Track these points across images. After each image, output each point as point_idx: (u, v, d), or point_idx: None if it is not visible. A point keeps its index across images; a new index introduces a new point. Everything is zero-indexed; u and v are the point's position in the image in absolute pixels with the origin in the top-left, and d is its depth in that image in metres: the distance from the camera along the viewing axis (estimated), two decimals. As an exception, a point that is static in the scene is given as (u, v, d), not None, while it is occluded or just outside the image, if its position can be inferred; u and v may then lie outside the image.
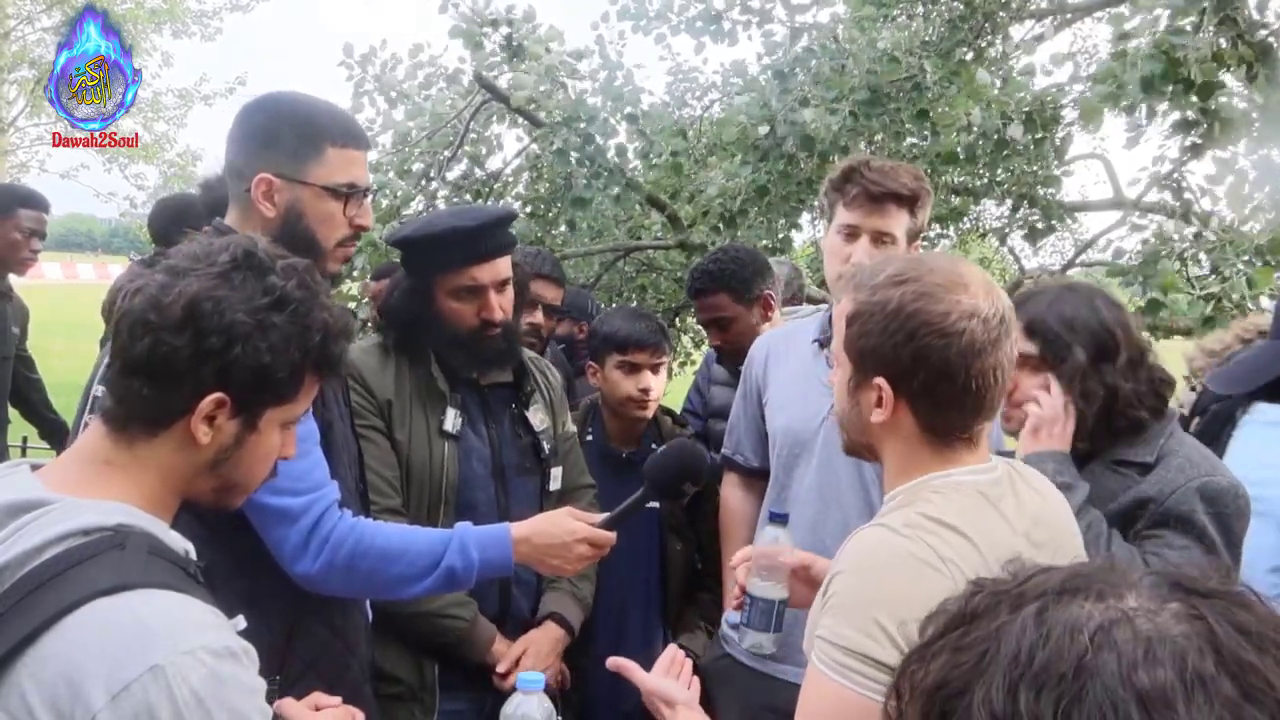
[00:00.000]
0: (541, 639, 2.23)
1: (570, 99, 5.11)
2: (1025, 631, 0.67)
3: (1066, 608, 0.68)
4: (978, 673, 0.68)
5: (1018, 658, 0.66)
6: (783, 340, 2.46)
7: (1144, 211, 5.34)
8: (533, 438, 2.31)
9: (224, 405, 1.15)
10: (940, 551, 1.17)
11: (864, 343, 1.30)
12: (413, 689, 2.15)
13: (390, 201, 5.33)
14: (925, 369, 1.25)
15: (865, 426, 1.34)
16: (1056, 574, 0.72)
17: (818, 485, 2.20)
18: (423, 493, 2.15)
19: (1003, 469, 1.34)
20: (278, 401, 1.21)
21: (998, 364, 1.27)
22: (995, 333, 1.26)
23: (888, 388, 1.28)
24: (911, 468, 1.31)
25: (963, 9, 5.55)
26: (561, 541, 1.82)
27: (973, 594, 0.75)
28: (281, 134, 1.70)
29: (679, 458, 1.95)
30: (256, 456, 1.23)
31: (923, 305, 1.25)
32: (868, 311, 1.29)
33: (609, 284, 6.25)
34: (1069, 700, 0.63)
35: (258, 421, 1.20)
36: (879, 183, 2.12)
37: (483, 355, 2.21)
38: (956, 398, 1.26)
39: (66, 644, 0.99)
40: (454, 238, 2.13)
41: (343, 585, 1.71)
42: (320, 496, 1.64)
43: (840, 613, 1.18)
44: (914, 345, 1.24)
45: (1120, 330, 1.77)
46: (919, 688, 0.72)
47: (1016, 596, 0.71)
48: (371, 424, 2.12)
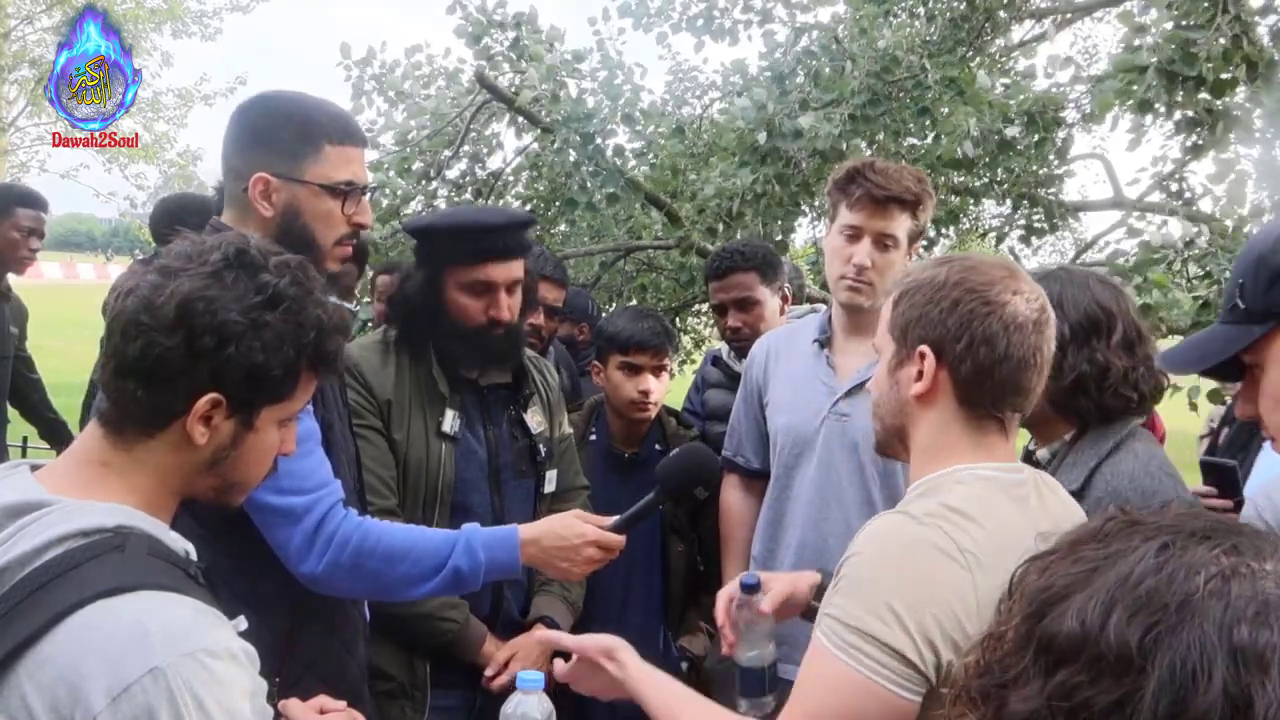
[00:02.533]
0: (529, 643, 2.22)
1: (571, 98, 5.11)
2: (1143, 559, 0.67)
3: (1195, 549, 0.67)
4: (1084, 584, 0.68)
5: (1127, 579, 0.66)
6: (783, 340, 2.46)
7: (1144, 212, 5.34)
8: (529, 440, 2.31)
9: (220, 405, 1.14)
10: (959, 542, 1.17)
11: (909, 314, 1.33)
12: (404, 686, 2.15)
13: (390, 201, 5.32)
14: (969, 334, 1.27)
15: (902, 405, 1.35)
16: (1202, 519, 0.72)
17: (819, 484, 2.20)
18: (418, 493, 2.14)
19: (1029, 473, 1.34)
20: (274, 400, 1.19)
21: (1037, 346, 1.29)
22: (1036, 313, 1.30)
23: (930, 355, 1.30)
24: (941, 451, 1.31)
25: (963, 8, 5.55)
26: (571, 544, 1.80)
27: (1108, 518, 0.75)
28: (278, 132, 1.69)
29: (691, 461, 1.94)
30: (255, 455, 1.22)
31: (968, 275, 1.30)
32: (914, 287, 1.34)
33: (609, 284, 6.24)
34: (1162, 631, 0.62)
35: (254, 420, 1.18)
36: (883, 186, 2.12)
37: (484, 352, 2.21)
38: (996, 366, 1.27)
39: (66, 646, 0.99)
40: (474, 232, 2.16)
41: (347, 585, 1.69)
42: (324, 495, 1.64)
43: (852, 593, 1.18)
44: (959, 311, 1.28)
45: (1115, 308, 1.74)
46: (1028, 586, 0.73)
47: (1152, 529, 0.71)
48: (370, 423, 2.12)
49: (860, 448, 2.16)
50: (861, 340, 2.22)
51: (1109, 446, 1.70)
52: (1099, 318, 1.73)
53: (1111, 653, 0.64)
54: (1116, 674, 0.63)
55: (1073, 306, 1.72)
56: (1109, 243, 6.34)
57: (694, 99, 6.69)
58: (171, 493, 1.18)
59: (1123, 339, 1.72)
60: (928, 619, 1.13)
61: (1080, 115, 5.67)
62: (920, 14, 5.59)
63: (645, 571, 2.66)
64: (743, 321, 2.92)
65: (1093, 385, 1.70)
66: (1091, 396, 1.71)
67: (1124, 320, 1.74)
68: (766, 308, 2.93)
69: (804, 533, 2.22)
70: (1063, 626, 0.67)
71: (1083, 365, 1.70)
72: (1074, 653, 0.66)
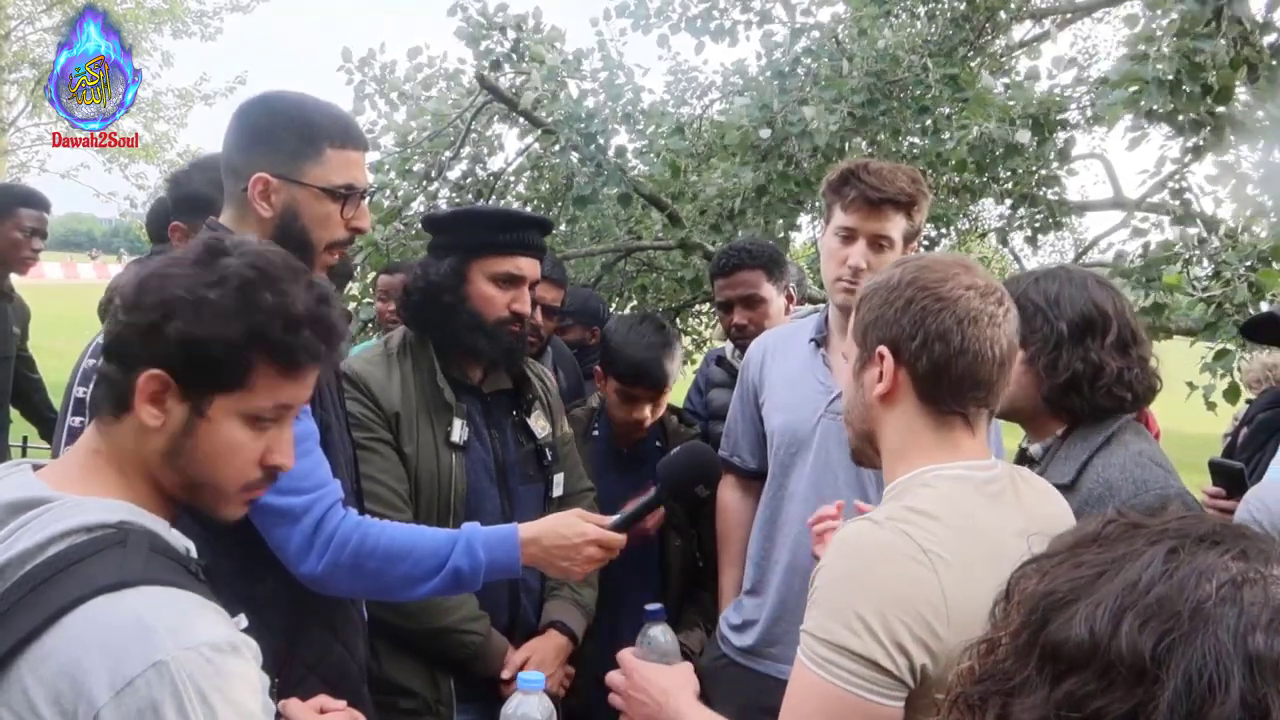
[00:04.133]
0: (545, 647, 2.22)
1: (572, 99, 5.11)
2: (1151, 564, 0.66)
3: (1204, 554, 0.66)
4: (1089, 589, 0.67)
5: (1135, 585, 0.65)
6: (780, 340, 2.46)
7: (1146, 212, 5.34)
8: (535, 444, 2.31)
9: (168, 386, 1.13)
10: (921, 543, 1.17)
11: (867, 317, 1.35)
12: (429, 702, 2.13)
13: (392, 202, 5.33)
14: (923, 330, 1.28)
15: (867, 409, 1.36)
16: (1205, 523, 0.71)
17: (815, 483, 2.21)
18: (432, 505, 2.13)
19: (1003, 469, 1.34)
20: (225, 388, 1.16)
21: (994, 339, 1.29)
22: (992, 307, 1.30)
23: (889, 355, 1.31)
24: (909, 451, 1.32)
25: (964, 8, 5.55)
26: (571, 543, 1.79)
27: (1107, 521, 0.74)
28: (280, 133, 1.69)
29: (692, 460, 1.94)
30: (214, 449, 1.17)
31: (920, 274, 1.32)
32: (871, 291, 1.36)
33: (609, 284, 6.24)
34: (1175, 639, 0.61)
35: (205, 408, 1.15)
36: (877, 187, 2.13)
37: (499, 346, 2.20)
38: (952, 361, 1.28)
39: (68, 640, 0.99)
40: (511, 223, 2.20)
41: (348, 585, 1.69)
42: (323, 495, 1.63)
43: (822, 606, 1.19)
44: (912, 310, 1.30)
45: (1111, 309, 1.75)
46: (1028, 591, 0.72)
47: (1156, 532, 0.70)
48: (380, 436, 2.10)
49: (858, 447, 2.17)
50: (859, 340, 2.23)
51: (1100, 440, 1.71)
52: (1094, 318, 1.74)
53: (1124, 662, 0.62)
54: (1129, 683, 0.62)
55: (1069, 306, 1.74)
56: (1112, 244, 6.35)
57: (694, 99, 6.69)
58: (145, 482, 1.17)
59: (1117, 339, 1.73)
60: (896, 624, 1.14)
61: (1083, 117, 5.66)
62: (920, 14, 5.58)
63: (644, 568, 2.66)
64: (748, 319, 2.94)
65: (1085, 384, 1.71)
66: (1084, 395, 1.72)
67: (1119, 321, 1.75)
68: (772, 305, 2.94)
69: (800, 532, 2.22)
70: (1070, 634, 0.66)
71: (1076, 364, 1.71)
72: (1083, 661, 0.65)
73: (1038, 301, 1.75)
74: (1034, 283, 1.79)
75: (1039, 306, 1.74)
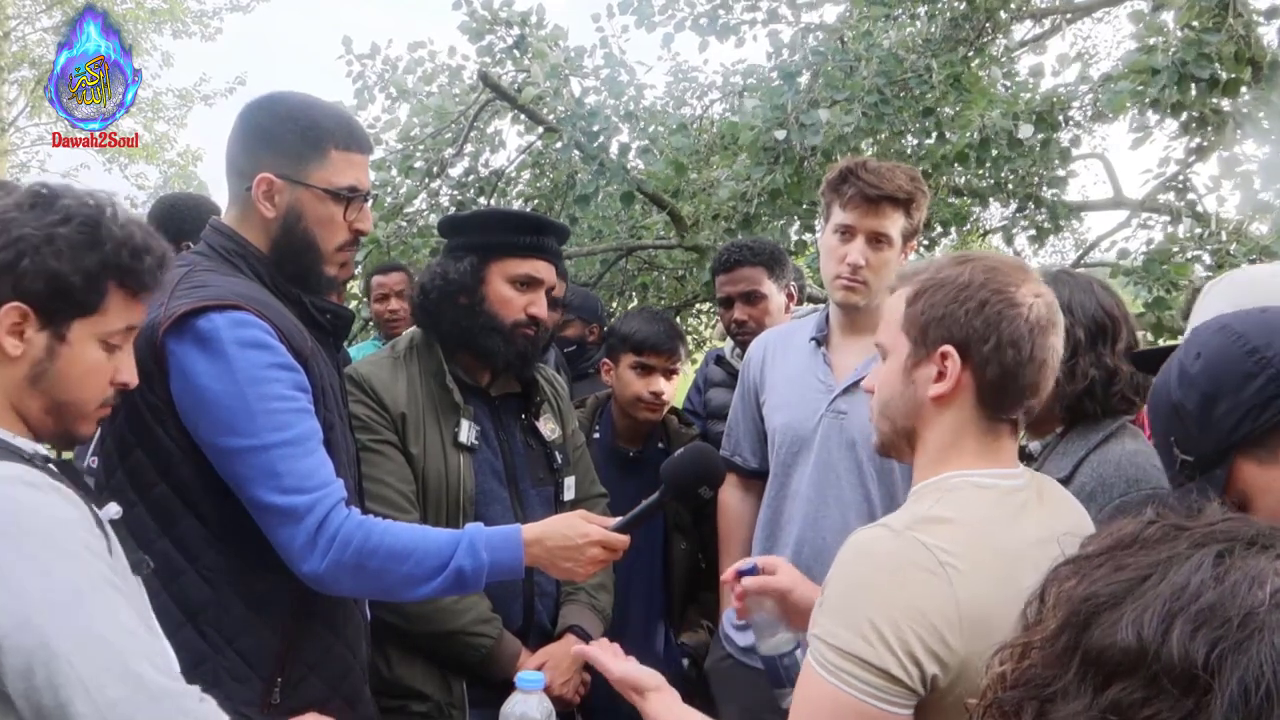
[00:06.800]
0: (561, 652, 2.19)
1: (573, 96, 5.11)
2: (1200, 568, 0.64)
3: (1254, 559, 0.64)
4: (1134, 593, 0.65)
5: (1184, 589, 0.63)
6: (780, 339, 2.46)
7: (1148, 212, 5.34)
8: (544, 448, 2.30)
9: (28, 317, 1.26)
10: (938, 555, 1.16)
11: (930, 314, 1.30)
12: (441, 706, 2.11)
13: (394, 200, 5.32)
14: (997, 335, 1.26)
15: (917, 407, 1.32)
16: (1252, 526, 0.69)
17: (816, 482, 2.20)
18: (440, 506, 2.11)
19: (1029, 478, 1.33)
20: (82, 312, 1.30)
21: (1055, 348, 1.30)
22: (1054, 315, 1.30)
23: (955, 356, 1.28)
24: (950, 454, 1.29)
25: (964, 8, 5.54)
26: (574, 544, 1.78)
27: (1149, 523, 0.72)
28: (285, 135, 1.69)
29: (696, 461, 1.93)
30: (76, 371, 1.31)
31: (993, 277, 1.29)
32: (935, 285, 1.31)
33: (610, 283, 6.24)
34: (1228, 646, 0.59)
35: (65, 333, 1.29)
36: (875, 185, 2.13)
37: (516, 349, 2.19)
38: (1021, 369, 1.27)
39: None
40: (530, 225, 2.20)
41: (351, 584, 1.68)
42: (326, 494, 1.62)
43: (835, 613, 1.18)
44: (987, 312, 1.26)
45: (1118, 313, 1.77)
46: (1067, 594, 0.69)
47: (1202, 535, 0.68)
48: (385, 438, 2.09)
49: (858, 445, 2.16)
50: (858, 339, 2.22)
51: (1098, 439, 1.72)
52: (1106, 323, 1.75)
53: (1174, 670, 0.60)
54: (1179, 692, 0.60)
55: (1081, 312, 1.74)
56: (1114, 243, 6.33)
57: (694, 100, 6.69)
58: (10, 411, 1.29)
59: (1126, 344, 1.75)
60: (909, 635, 1.13)
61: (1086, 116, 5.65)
62: (920, 14, 5.57)
63: (648, 568, 2.66)
64: (748, 315, 2.95)
65: (1100, 389, 1.72)
66: (1099, 400, 1.73)
67: (1126, 325, 1.77)
68: (772, 302, 2.95)
69: (802, 531, 2.22)
70: (1115, 639, 0.63)
71: (1092, 370, 1.72)
72: (1130, 668, 0.62)
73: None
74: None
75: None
